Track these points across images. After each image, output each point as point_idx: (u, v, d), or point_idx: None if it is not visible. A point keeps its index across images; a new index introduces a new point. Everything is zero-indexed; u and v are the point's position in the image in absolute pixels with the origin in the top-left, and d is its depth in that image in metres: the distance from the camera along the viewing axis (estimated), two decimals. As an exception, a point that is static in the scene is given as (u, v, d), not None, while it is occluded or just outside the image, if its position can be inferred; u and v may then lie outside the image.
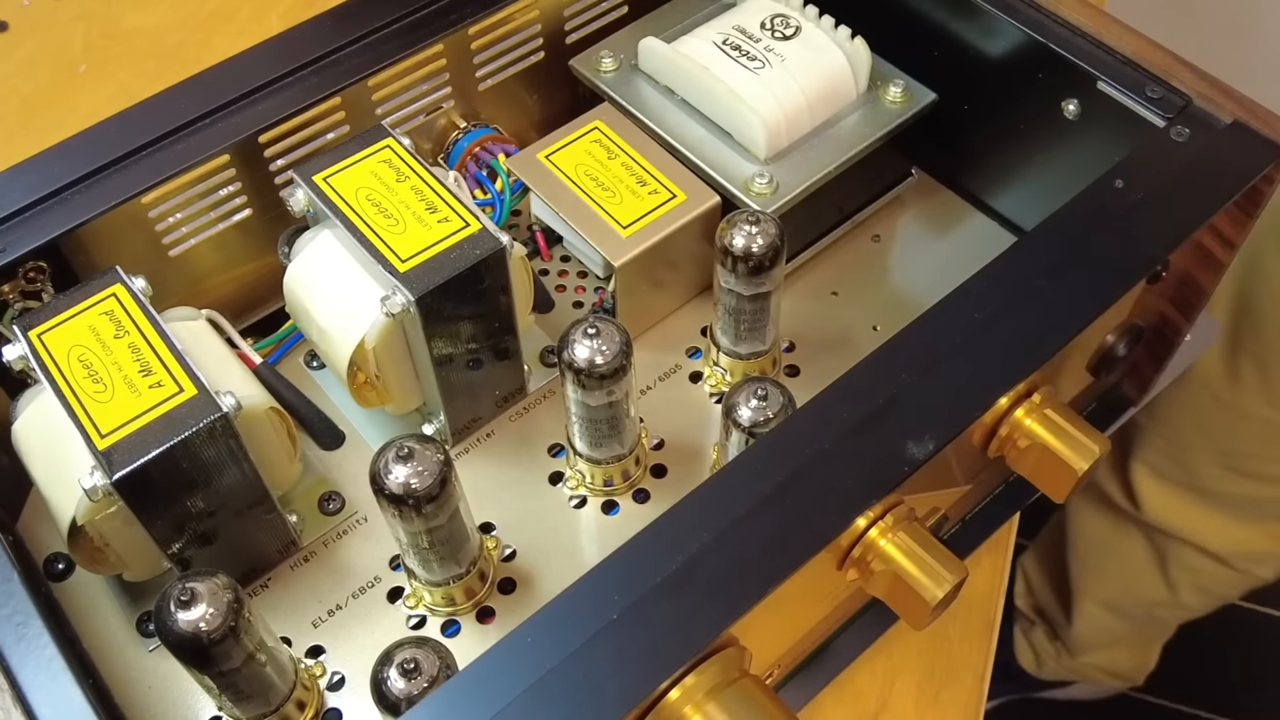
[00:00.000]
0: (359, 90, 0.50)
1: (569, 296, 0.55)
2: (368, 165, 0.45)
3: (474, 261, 0.43)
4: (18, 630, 0.39)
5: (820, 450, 0.35)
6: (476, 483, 0.49)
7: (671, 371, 0.52)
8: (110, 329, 0.41)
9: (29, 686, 0.36)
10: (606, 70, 0.55)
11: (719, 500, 0.34)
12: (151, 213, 0.47)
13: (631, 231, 0.49)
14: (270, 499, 0.43)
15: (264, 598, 0.46)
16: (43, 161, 0.46)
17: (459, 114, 0.56)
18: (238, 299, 0.54)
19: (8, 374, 0.41)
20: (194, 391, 0.39)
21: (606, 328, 0.42)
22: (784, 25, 0.54)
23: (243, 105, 0.48)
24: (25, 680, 0.36)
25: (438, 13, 0.51)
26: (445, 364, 0.46)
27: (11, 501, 0.47)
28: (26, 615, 0.42)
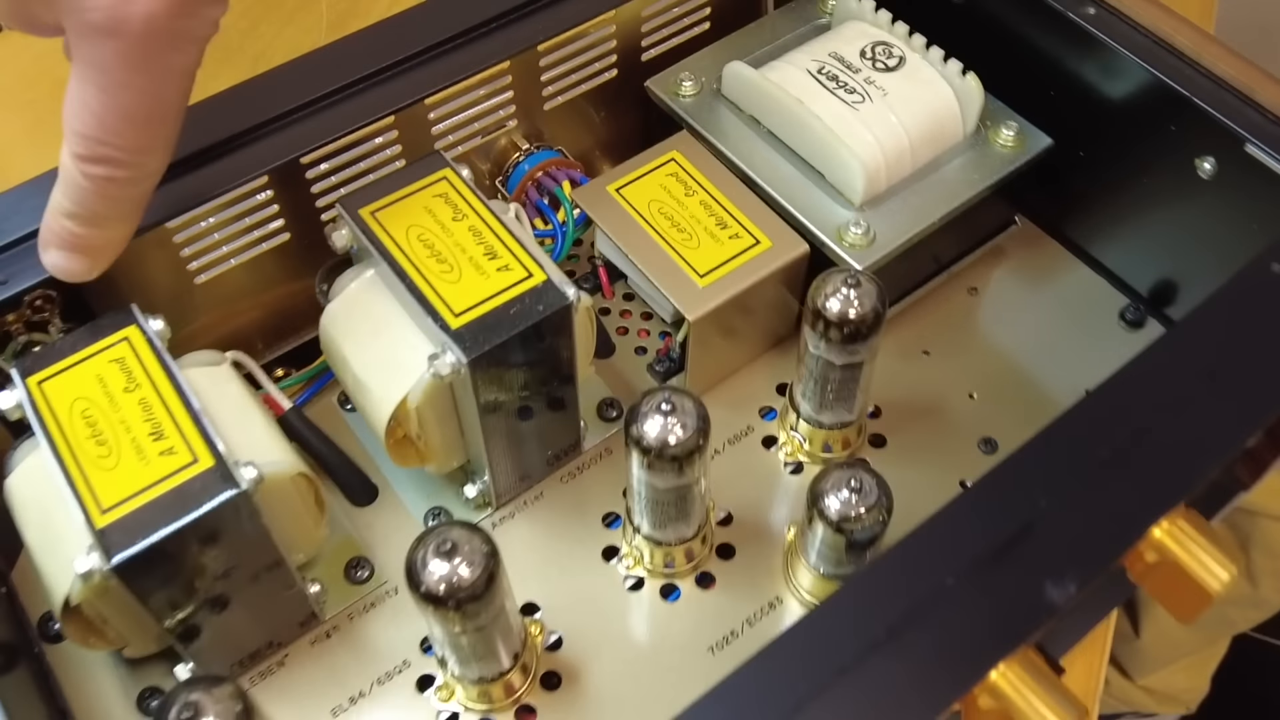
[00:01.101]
0: (415, 110, 0.44)
1: (631, 340, 0.50)
2: (421, 199, 0.40)
3: (536, 319, 0.37)
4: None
5: (940, 586, 0.30)
6: (521, 554, 0.44)
7: (743, 434, 0.47)
8: (120, 380, 0.36)
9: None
10: (686, 94, 0.50)
11: (817, 644, 0.29)
12: (177, 237, 0.42)
13: (709, 280, 0.44)
14: (290, 573, 0.39)
15: (279, 677, 0.41)
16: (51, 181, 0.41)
17: (521, 134, 0.50)
18: (270, 325, 0.49)
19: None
20: (210, 462, 0.34)
21: (682, 402, 0.37)
22: (886, 55, 0.48)
23: (285, 123, 0.42)
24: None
25: (506, 26, 0.46)
26: (494, 422, 0.40)
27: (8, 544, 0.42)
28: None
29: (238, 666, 0.41)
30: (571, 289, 0.38)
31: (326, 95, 0.43)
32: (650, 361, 0.49)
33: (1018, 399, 0.48)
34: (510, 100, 0.48)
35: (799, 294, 0.47)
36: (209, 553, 0.35)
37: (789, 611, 0.42)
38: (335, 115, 0.43)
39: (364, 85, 0.44)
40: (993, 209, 0.51)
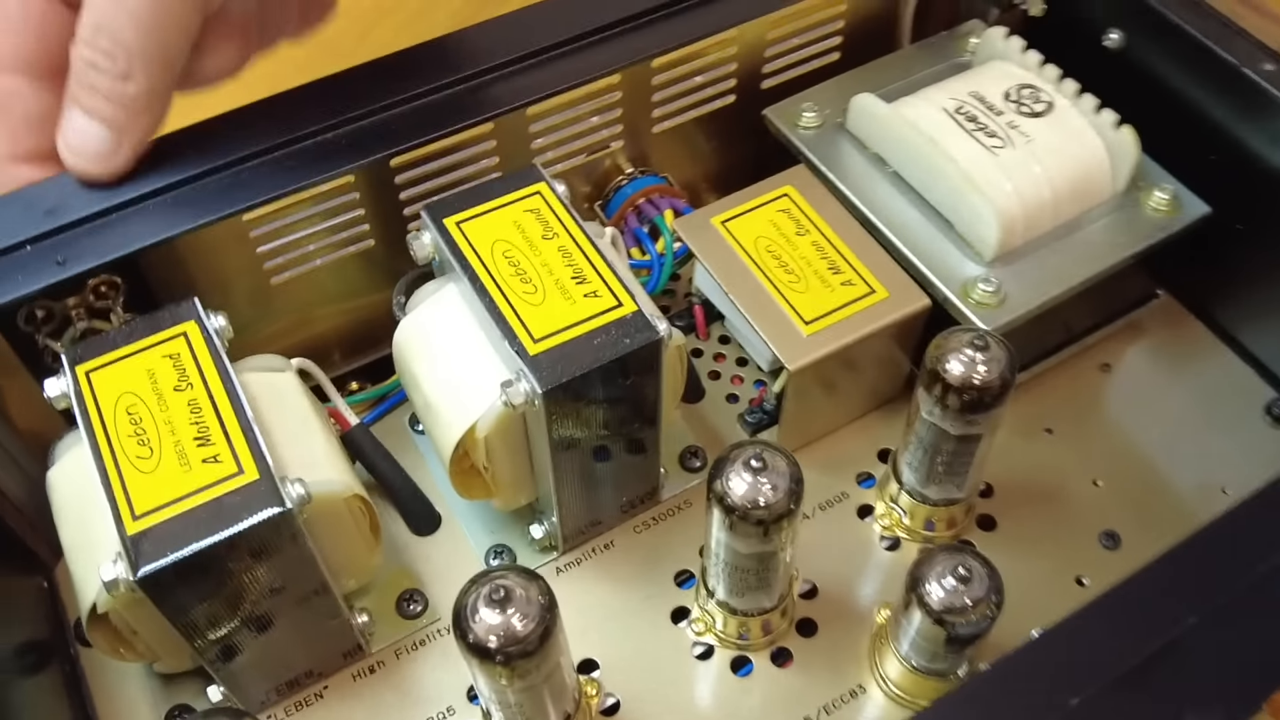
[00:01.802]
0: (516, 119, 0.42)
1: (723, 385, 0.46)
2: (511, 213, 0.37)
3: (622, 353, 0.34)
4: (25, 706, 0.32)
5: (1063, 708, 0.25)
6: (584, 606, 0.40)
7: (836, 500, 0.43)
8: (171, 378, 0.33)
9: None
10: (807, 125, 0.46)
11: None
12: (254, 232, 0.40)
13: (815, 329, 0.40)
14: (336, 601, 0.36)
15: (316, 710, 0.38)
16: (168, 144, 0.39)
17: (626, 156, 0.47)
18: (349, 334, 0.46)
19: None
20: (255, 475, 0.31)
21: (774, 460, 0.33)
22: (1033, 99, 0.44)
23: (377, 118, 0.40)
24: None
25: (620, 37, 0.43)
26: (567, 460, 0.37)
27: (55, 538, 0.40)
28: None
29: (273, 693, 0.38)
30: (663, 324, 0.35)
31: (423, 93, 0.40)
32: (742, 411, 0.45)
33: (1146, 491, 0.43)
34: (618, 119, 0.45)
35: (913, 352, 0.43)
36: (246, 573, 0.32)
37: (871, 703, 0.38)
38: (431, 115, 0.40)
39: (464, 85, 0.41)
40: (1135, 279, 0.46)
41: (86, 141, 0.37)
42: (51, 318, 0.37)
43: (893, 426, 0.44)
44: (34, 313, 0.37)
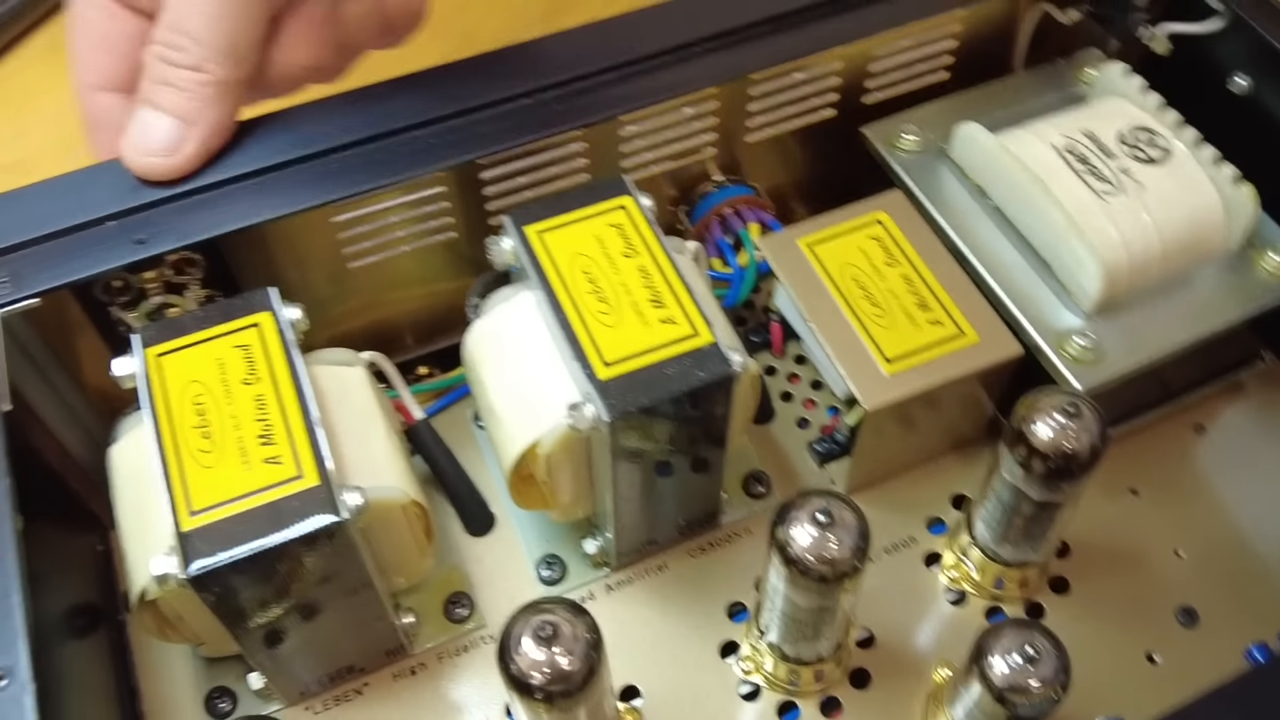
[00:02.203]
0: (608, 127, 0.40)
1: (793, 409, 0.45)
2: (593, 226, 0.36)
3: (694, 386, 0.33)
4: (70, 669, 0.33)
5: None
6: (630, 628, 0.39)
7: (903, 545, 0.41)
8: (241, 370, 0.33)
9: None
10: (907, 148, 0.44)
11: None
12: (338, 218, 0.39)
13: (896, 369, 0.38)
14: (381, 603, 0.35)
15: (354, 706, 0.38)
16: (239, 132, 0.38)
17: (716, 164, 0.46)
18: (423, 319, 0.46)
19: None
20: (315, 480, 0.31)
21: (843, 514, 0.32)
22: (1149, 144, 0.41)
23: (469, 119, 0.39)
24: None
25: (720, 51, 0.41)
26: (627, 481, 0.36)
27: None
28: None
29: (314, 684, 0.38)
30: (739, 357, 0.34)
31: (515, 97, 0.39)
32: (812, 439, 0.43)
33: (1232, 568, 0.41)
34: (712, 127, 0.44)
35: (998, 399, 0.41)
36: (295, 573, 0.32)
37: (919, 763, 0.37)
38: (523, 120, 0.39)
39: (558, 91, 0.40)
40: (1240, 340, 0.43)
41: (152, 136, 0.36)
42: (128, 289, 0.37)
43: (970, 472, 0.43)
44: (110, 284, 0.37)
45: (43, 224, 0.36)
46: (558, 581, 0.41)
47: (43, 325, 0.37)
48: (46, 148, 0.60)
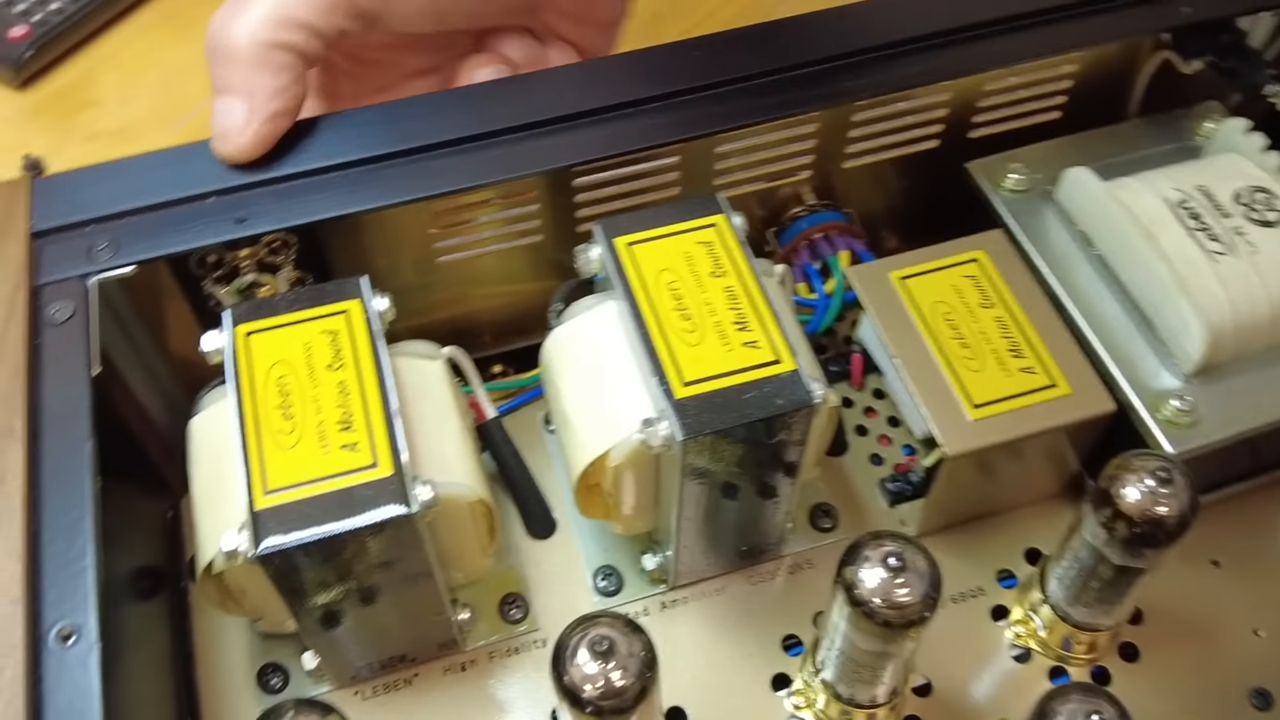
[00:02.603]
0: (704, 145, 0.40)
1: (868, 443, 0.44)
2: (683, 243, 0.36)
3: (771, 414, 0.32)
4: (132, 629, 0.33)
5: None
6: (683, 647, 0.39)
7: (970, 594, 0.40)
8: (326, 355, 0.33)
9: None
10: (1011, 187, 0.43)
11: None
12: (429, 213, 0.40)
13: (982, 414, 0.37)
14: (440, 596, 0.35)
15: (403, 695, 0.38)
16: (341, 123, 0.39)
17: (810, 187, 0.45)
18: (503, 318, 0.46)
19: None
20: (389, 471, 0.31)
21: (915, 560, 0.31)
22: (1266, 205, 0.40)
23: (565, 126, 0.39)
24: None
25: (826, 75, 0.41)
26: (693, 501, 0.36)
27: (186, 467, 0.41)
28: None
29: (365, 669, 0.38)
30: (820, 388, 0.33)
31: (614, 107, 0.39)
32: (884, 477, 0.43)
33: (1316, 652, 0.39)
34: (811, 150, 0.43)
35: (1085, 456, 0.40)
36: (359, 562, 0.32)
37: (967, 821, 0.36)
38: (619, 132, 0.39)
39: (660, 103, 0.40)
40: (1346, 416, 0.41)
41: (224, 119, 0.37)
42: (222, 265, 0.38)
43: (1047, 526, 0.41)
44: (206, 259, 0.37)
45: (146, 195, 0.37)
46: (613, 594, 0.40)
47: (136, 293, 0.38)
48: (151, 117, 0.62)
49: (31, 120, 0.62)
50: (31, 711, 0.28)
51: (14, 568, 0.29)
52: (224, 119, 0.37)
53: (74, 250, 0.36)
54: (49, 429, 0.32)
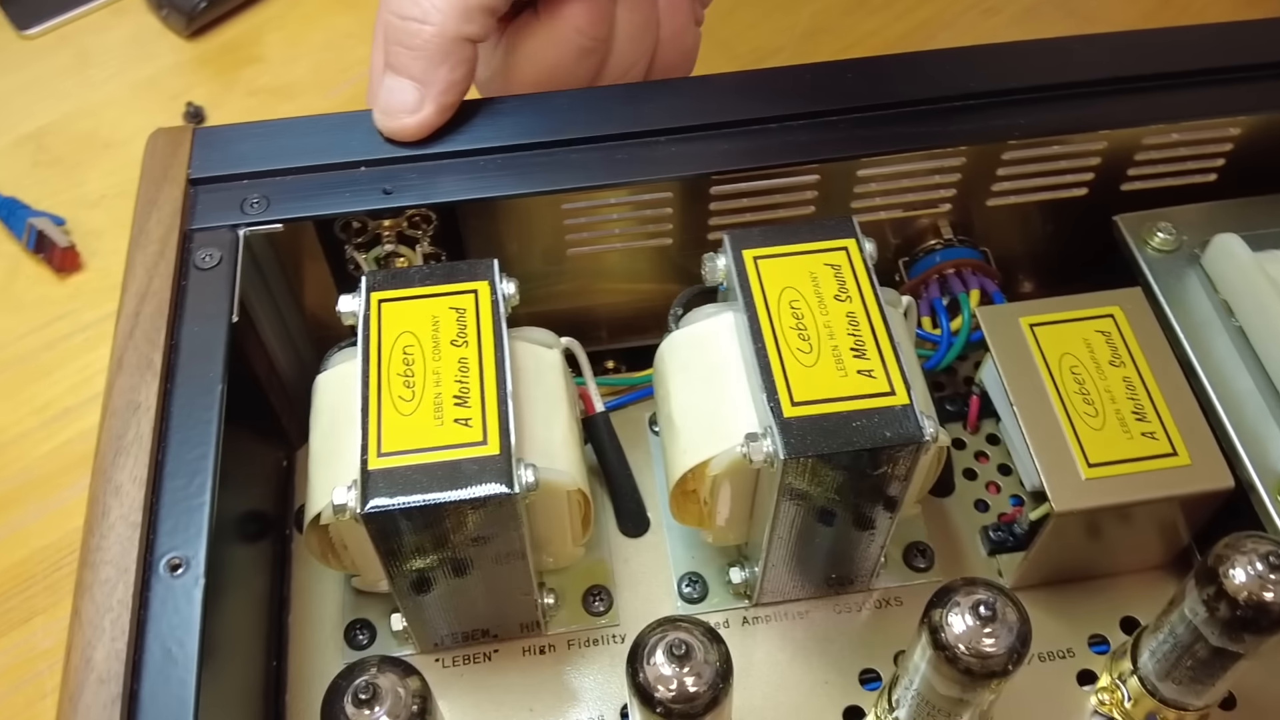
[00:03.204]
0: (844, 168, 0.40)
1: (975, 488, 0.43)
2: (810, 262, 0.36)
3: (877, 445, 0.32)
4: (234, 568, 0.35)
5: None
6: (758, 665, 0.39)
7: (1060, 655, 0.39)
8: (452, 330, 0.34)
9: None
10: (1158, 246, 0.42)
11: None
12: (567, 206, 0.40)
13: (1097, 474, 0.36)
14: (530, 578, 0.36)
15: (480, 669, 0.39)
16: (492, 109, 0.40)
17: (949, 221, 0.45)
18: (621, 315, 0.47)
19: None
20: (495, 450, 0.32)
21: (1006, 613, 0.30)
22: None
23: (712, 135, 0.39)
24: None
25: (980, 110, 0.40)
26: (788, 522, 0.36)
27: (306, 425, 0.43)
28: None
29: (448, 639, 0.39)
30: (931, 426, 0.33)
31: (761, 120, 0.39)
32: (988, 524, 0.42)
33: None
34: (953, 184, 0.43)
35: (1196, 529, 0.38)
36: (457, 533, 0.33)
37: None
38: (761, 146, 0.39)
39: (806, 120, 0.40)
40: None
41: (394, 98, 0.38)
42: (364, 232, 0.40)
43: (1146, 596, 0.40)
44: (350, 224, 0.39)
45: (301, 156, 0.39)
46: (696, 601, 0.40)
47: (280, 249, 0.40)
48: (310, 79, 0.65)
49: (197, 70, 0.65)
50: (135, 631, 0.29)
51: (137, 494, 0.31)
52: (396, 98, 0.38)
53: (228, 201, 0.38)
54: (184, 368, 0.34)
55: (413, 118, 0.38)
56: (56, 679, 0.45)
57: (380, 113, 0.39)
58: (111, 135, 0.62)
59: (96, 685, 0.28)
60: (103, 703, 0.28)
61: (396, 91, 0.38)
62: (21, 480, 0.51)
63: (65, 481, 0.50)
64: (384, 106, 0.38)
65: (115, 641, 0.29)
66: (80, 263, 0.57)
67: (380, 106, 0.39)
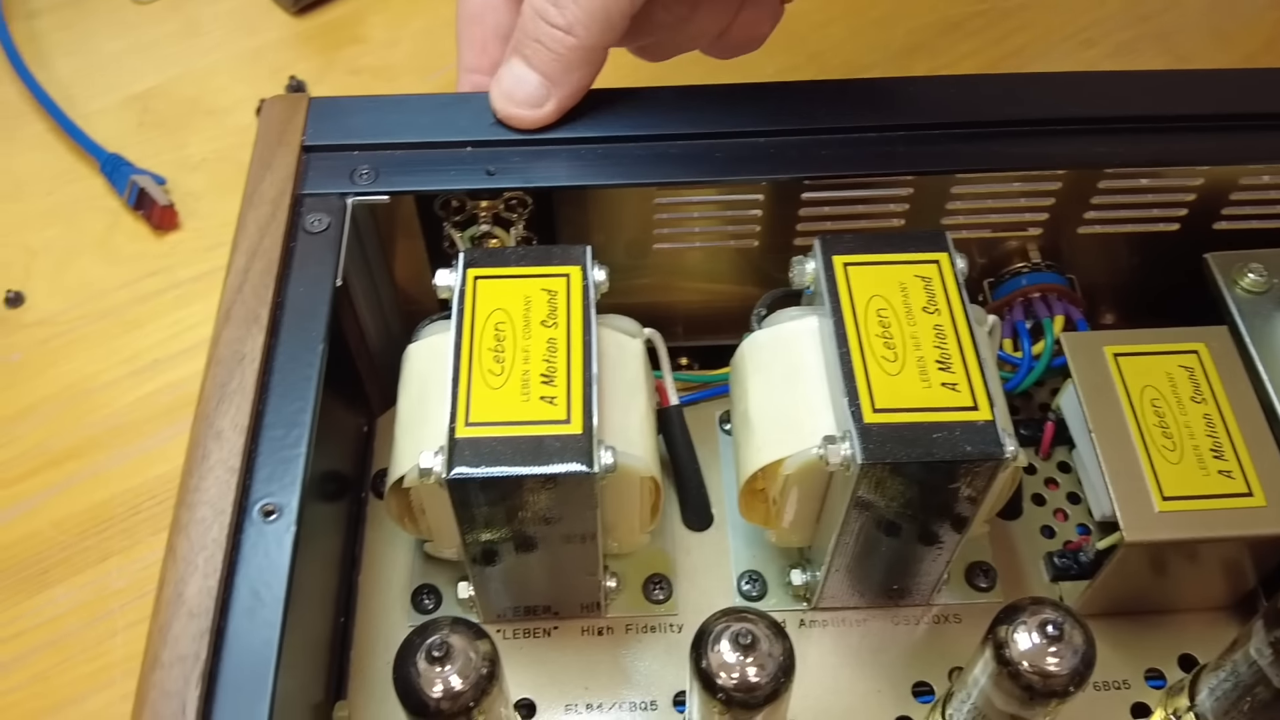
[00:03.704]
0: (939, 182, 0.40)
1: (1043, 514, 0.43)
2: (900, 273, 0.36)
3: (956, 458, 0.33)
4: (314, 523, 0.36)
5: None
6: (811, 667, 0.39)
7: (1114, 686, 0.39)
8: (543, 311, 0.35)
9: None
10: (1248, 287, 0.42)
11: None
12: (657, 200, 0.41)
13: (1170, 508, 0.36)
14: (597, 558, 0.37)
15: (539, 644, 0.40)
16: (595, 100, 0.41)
17: (1037, 246, 0.45)
18: (698, 313, 0.47)
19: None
20: (578, 430, 0.33)
21: (1073, 635, 0.30)
22: None
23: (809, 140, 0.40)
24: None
25: (1079, 136, 0.40)
26: (855, 529, 0.36)
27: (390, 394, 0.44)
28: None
29: (510, 612, 0.40)
30: (1011, 445, 0.33)
31: (859, 129, 0.40)
32: (1053, 550, 0.42)
33: None
34: (1044, 208, 0.43)
35: (1265, 572, 0.38)
36: (533, 507, 0.34)
37: None
38: (860, 153, 0.40)
39: (902, 132, 0.40)
40: None
41: (520, 88, 0.39)
42: (463, 211, 0.41)
43: (1207, 635, 0.40)
44: (450, 202, 0.40)
45: (411, 132, 0.40)
46: (755, 599, 0.41)
47: (381, 221, 0.41)
48: (410, 62, 0.66)
49: (301, 46, 0.67)
50: (226, 571, 0.31)
51: (237, 441, 0.32)
52: (522, 88, 0.39)
53: (338, 170, 0.39)
54: (288, 325, 0.35)
55: (535, 112, 0.39)
56: (127, 618, 0.47)
57: (502, 97, 0.39)
58: (215, 102, 0.64)
59: (187, 618, 0.29)
60: (191, 635, 0.29)
61: (524, 82, 0.39)
62: (107, 426, 0.52)
63: (148, 430, 0.52)
64: (508, 92, 0.39)
65: (207, 579, 0.30)
66: (178, 222, 0.59)
67: (504, 91, 0.39)
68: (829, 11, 0.67)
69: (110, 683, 0.44)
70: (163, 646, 0.29)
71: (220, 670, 0.29)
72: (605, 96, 0.41)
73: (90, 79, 0.65)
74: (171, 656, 0.29)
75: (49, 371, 0.54)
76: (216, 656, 0.29)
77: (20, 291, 0.56)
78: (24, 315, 0.55)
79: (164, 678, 0.29)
